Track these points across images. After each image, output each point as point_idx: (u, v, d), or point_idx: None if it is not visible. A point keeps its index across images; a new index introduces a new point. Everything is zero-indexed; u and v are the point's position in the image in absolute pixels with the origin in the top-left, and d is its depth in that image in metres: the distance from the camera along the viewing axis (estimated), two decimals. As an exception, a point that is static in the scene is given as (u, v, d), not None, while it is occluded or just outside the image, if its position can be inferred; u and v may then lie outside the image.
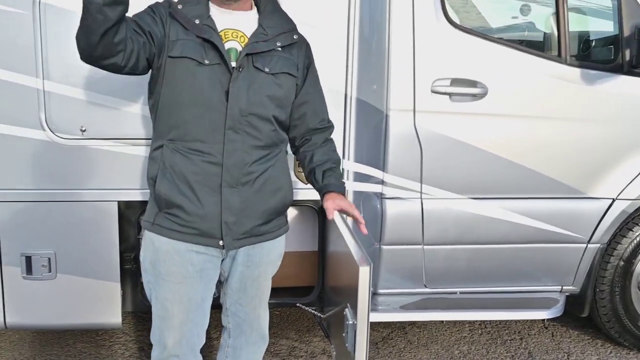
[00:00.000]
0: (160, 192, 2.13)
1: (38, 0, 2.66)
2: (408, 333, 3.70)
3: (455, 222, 3.16)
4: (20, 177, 2.82)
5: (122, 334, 3.59)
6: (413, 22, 2.96)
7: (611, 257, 3.33)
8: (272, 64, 2.13)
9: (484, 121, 3.07)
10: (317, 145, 2.30)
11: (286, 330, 3.66)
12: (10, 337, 3.51)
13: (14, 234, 2.86)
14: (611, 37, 3.22)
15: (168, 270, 2.18)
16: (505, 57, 3.07)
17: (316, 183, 2.28)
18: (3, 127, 2.74)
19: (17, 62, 2.71)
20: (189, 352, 2.27)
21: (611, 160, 3.21)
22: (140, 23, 2.01)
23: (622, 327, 3.43)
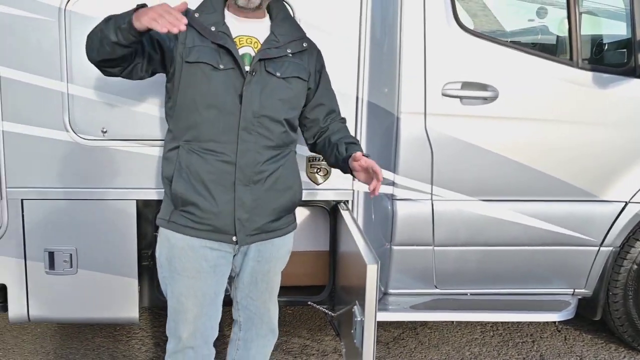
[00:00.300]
0: (176, 191, 2.24)
1: (63, 8, 2.77)
2: (419, 334, 3.73)
3: (466, 223, 3.20)
4: (43, 176, 2.92)
5: (139, 330, 3.69)
6: (424, 25, 3.02)
7: (624, 261, 3.33)
8: (283, 68, 2.24)
9: (495, 124, 3.12)
10: (334, 129, 2.40)
11: (298, 329, 3.72)
12: (33, 330, 3.64)
13: (37, 231, 2.95)
14: (624, 41, 3.25)
15: (183, 265, 2.29)
16: (515, 60, 3.11)
17: (340, 155, 2.31)
18: (28, 129, 2.85)
19: (43, 67, 2.82)
20: (203, 345, 2.38)
21: (623, 163, 3.23)
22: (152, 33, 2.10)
23: (635, 331, 3.43)
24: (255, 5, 2.21)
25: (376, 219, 3.21)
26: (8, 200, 2.92)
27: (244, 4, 2.21)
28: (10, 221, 2.94)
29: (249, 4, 2.21)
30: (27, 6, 2.77)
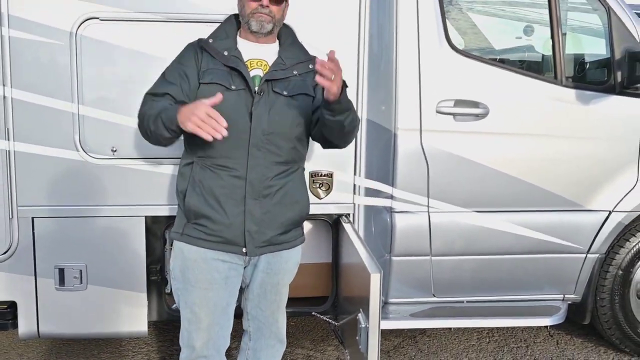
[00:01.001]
0: (189, 204, 2.28)
1: (74, 32, 2.83)
2: (418, 342, 3.76)
3: (461, 234, 3.25)
4: (54, 194, 2.94)
5: (144, 345, 3.68)
6: (418, 47, 3.10)
7: (610, 267, 3.41)
8: (289, 87, 2.30)
9: (486, 139, 3.19)
10: None
11: (301, 340, 3.74)
12: (38, 348, 3.61)
13: (48, 248, 2.97)
14: (604, 60, 3.35)
15: (196, 277, 2.31)
16: (504, 79, 3.20)
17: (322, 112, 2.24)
18: (40, 148, 2.89)
19: (55, 89, 2.87)
20: (215, 354, 2.39)
21: (606, 174, 3.32)
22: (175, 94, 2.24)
23: (622, 334, 3.50)
24: (267, 30, 2.30)
25: (376, 231, 3.26)
26: (19, 218, 2.95)
27: (257, 29, 2.30)
28: (21, 239, 2.96)
29: (262, 29, 2.30)
30: (40, 31, 2.84)
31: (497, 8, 3.47)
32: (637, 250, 3.42)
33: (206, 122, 1.98)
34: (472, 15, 3.39)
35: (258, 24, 2.29)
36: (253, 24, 2.29)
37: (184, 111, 2.04)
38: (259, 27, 2.29)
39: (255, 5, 2.28)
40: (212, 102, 2.03)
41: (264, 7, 2.27)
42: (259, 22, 2.29)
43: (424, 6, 3.09)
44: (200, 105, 2.02)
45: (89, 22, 2.86)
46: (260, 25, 2.28)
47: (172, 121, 2.08)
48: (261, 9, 2.27)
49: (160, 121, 2.12)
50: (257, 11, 2.28)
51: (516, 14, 3.49)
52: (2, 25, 2.80)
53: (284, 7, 2.35)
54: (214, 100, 2.04)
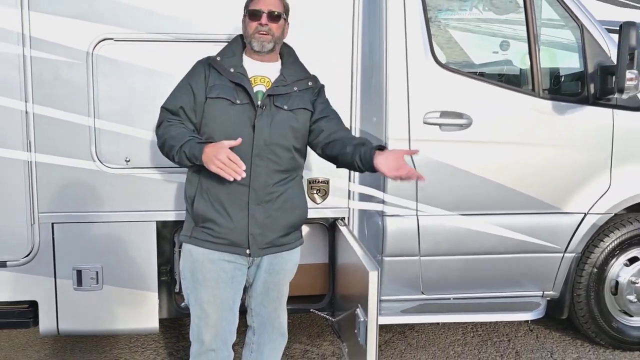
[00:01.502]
0: (197, 209, 2.41)
1: (91, 52, 2.97)
2: (408, 337, 3.89)
3: (448, 236, 3.36)
4: (72, 201, 3.07)
5: (153, 341, 3.80)
6: (406, 63, 3.21)
7: (586, 265, 3.52)
8: (290, 102, 2.43)
9: (470, 148, 3.30)
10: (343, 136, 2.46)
11: (299, 336, 3.86)
12: (54, 345, 3.72)
13: (67, 251, 3.10)
14: (578, 73, 3.46)
15: (204, 276, 2.44)
16: (486, 91, 3.31)
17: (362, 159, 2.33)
18: (59, 159, 3.02)
19: (73, 104, 3.00)
20: (223, 347, 2.51)
21: (581, 179, 3.41)
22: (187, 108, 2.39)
23: (598, 328, 3.61)
24: (268, 49, 2.44)
25: (369, 233, 3.39)
26: (40, 224, 3.07)
27: (259, 49, 2.43)
28: (42, 243, 3.09)
29: (263, 48, 2.43)
30: (59, 51, 2.97)
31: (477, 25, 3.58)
32: (611, 249, 3.53)
33: (227, 166, 2.16)
34: (454, 32, 3.51)
35: (259, 44, 2.42)
36: (255, 44, 2.42)
37: (208, 153, 2.20)
38: (260, 47, 2.42)
39: (255, 25, 2.40)
40: (232, 144, 2.20)
41: (263, 25, 2.39)
42: (260, 42, 2.42)
43: (411, 25, 3.21)
44: (222, 149, 2.18)
45: (104, 43, 2.99)
46: (262, 45, 2.42)
47: (195, 158, 2.24)
48: (261, 27, 2.39)
49: (184, 155, 2.27)
50: (257, 31, 2.40)
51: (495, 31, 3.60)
52: (24, 46, 2.93)
53: (283, 26, 2.47)
54: (234, 143, 2.21)
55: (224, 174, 2.18)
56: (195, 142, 2.27)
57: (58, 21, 2.95)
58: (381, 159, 2.26)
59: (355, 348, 2.63)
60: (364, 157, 2.32)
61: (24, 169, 3.01)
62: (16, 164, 3.00)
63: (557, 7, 3.41)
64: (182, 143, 2.28)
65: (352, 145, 2.38)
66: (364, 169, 2.37)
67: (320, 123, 2.48)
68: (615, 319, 3.63)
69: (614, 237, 3.54)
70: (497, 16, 3.55)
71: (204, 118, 2.41)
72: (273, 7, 2.43)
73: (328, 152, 2.48)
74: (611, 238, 3.53)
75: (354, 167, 2.41)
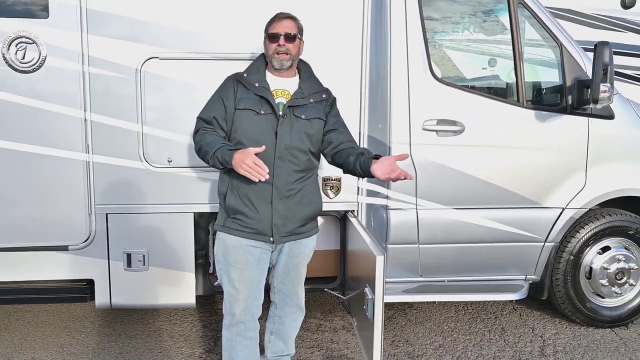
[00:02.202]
0: (229, 203, 2.54)
1: (139, 69, 3.08)
2: (407, 313, 3.96)
3: (443, 226, 3.42)
4: (123, 195, 3.19)
5: (189, 315, 3.92)
6: (408, 77, 3.28)
7: (563, 253, 3.59)
8: (307, 112, 2.55)
9: (463, 151, 3.36)
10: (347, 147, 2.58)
11: (314, 312, 3.95)
12: (105, 317, 3.87)
13: (118, 237, 3.22)
14: (557, 86, 3.50)
15: (235, 259, 2.57)
16: (476, 102, 3.37)
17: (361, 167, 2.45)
18: (112, 159, 3.14)
19: (124, 113, 3.11)
20: (250, 319, 2.64)
21: (560, 178, 3.47)
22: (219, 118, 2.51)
23: (574, 308, 3.68)
24: (286, 67, 2.56)
25: (374, 224, 3.49)
26: (96, 214, 3.20)
27: (278, 67, 2.55)
28: (98, 230, 3.21)
29: (282, 66, 2.55)
30: (112, 67, 3.10)
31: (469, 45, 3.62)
32: (586, 239, 3.59)
33: (253, 169, 2.28)
34: (449, 50, 3.55)
35: (279, 62, 2.53)
36: (275, 63, 2.54)
37: (237, 158, 2.32)
38: (280, 65, 2.53)
39: (275, 46, 2.52)
40: (257, 151, 2.32)
41: (281, 46, 2.50)
42: (279, 61, 2.53)
43: (412, 45, 3.29)
44: (248, 156, 2.30)
45: (150, 61, 3.10)
46: (281, 63, 2.53)
47: (227, 162, 2.37)
48: (279, 48, 2.51)
49: (217, 160, 2.39)
50: (277, 52, 2.51)
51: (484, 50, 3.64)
52: (84, 64, 3.06)
53: (299, 45, 2.57)
54: (259, 150, 2.33)
55: (250, 176, 2.30)
56: (227, 149, 2.39)
57: (112, 42, 3.06)
58: (376, 166, 2.40)
59: (364, 322, 2.71)
60: (362, 165, 2.45)
61: (83, 167, 3.13)
62: (76, 163, 3.11)
63: (539, 29, 3.47)
64: (215, 149, 2.40)
65: (354, 155, 2.51)
66: (363, 175, 2.51)
67: (331, 135, 2.59)
68: (589, 300, 3.69)
69: (588, 229, 3.59)
70: (486, 37, 3.59)
71: (234, 126, 2.53)
72: (289, 30, 2.53)
73: (335, 160, 2.61)
74: (586, 230, 3.59)
75: (355, 173, 2.55)
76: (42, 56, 3.01)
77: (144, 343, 3.51)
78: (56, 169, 3.09)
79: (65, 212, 3.14)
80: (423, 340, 3.58)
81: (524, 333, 3.68)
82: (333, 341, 3.55)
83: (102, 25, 3.04)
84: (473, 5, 3.51)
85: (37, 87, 3.03)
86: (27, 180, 3.09)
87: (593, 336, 3.64)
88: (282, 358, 2.93)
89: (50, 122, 3.05)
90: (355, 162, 2.48)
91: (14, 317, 3.90)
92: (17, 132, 3.04)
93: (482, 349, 3.48)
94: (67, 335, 3.61)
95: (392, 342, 3.56)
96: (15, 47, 2.98)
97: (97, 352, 3.40)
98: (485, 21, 3.58)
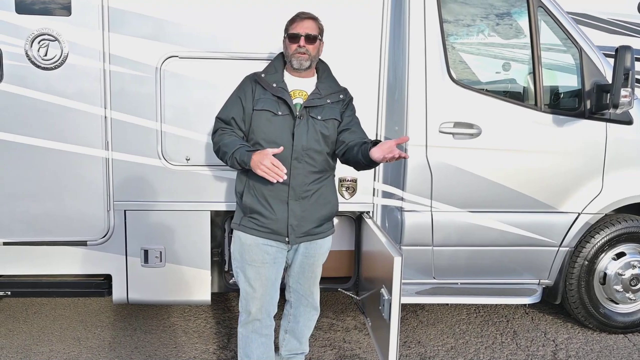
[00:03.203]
0: (245, 203, 2.53)
1: (159, 67, 3.08)
2: (419, 315, 3.94)
3: (457, 229, 3.38)
4: (142, 192, 3.18)
5: (203, 312, 3.92)
6: (425, 80, 3.24)
7: (578, 258, 3.54)
8: (323, 112, 2.51)
9: (479, 154, 3.31)
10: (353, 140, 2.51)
11: (326, 311, 3.93)
12: (122, 312, 3.89)
13: (136, 234, 3.22)
14: (575, 91, 3.46)
15: (251, 257, 2.55)
16: (494, 105, 3.32)
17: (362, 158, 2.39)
18: (131, 157, 3.14)
19: (143, 111, 3.11)
20: (266, 317, 2.63)
21: (577, 183, 3.41)
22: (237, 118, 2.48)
23: (587, 313, 3.63)
24: (305, 67, 2.53)
25: (389, 225, 3.45)
26: (115, 210, 3.21)
27: (297, 67, 2.52)
28: (116, 226, 3.22)
29: (301, 66, 2.52)
30: (132, 66, 3.09)
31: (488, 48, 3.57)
32: (601, 245, 3.54)
33: (271, 170, 2.27)
34: (468, 54, 3.50)
35: (298, 62, 2.50)
36: (294, 62, 2.50)
37: (254, 159, 2.31)
38: (299, 65, 2.50)
39: (295, 47, 2.49)
40: (275, 152, 2.30)
41: (301, 47, 2.47)
42: (299, 61, 2.50)
43: (431, 49, 3.25)
44: (266, 157, 2.28)
45: (170, 60, 3.09)
46: (300, 63, 2.50)
47: (245, 163, 2.35)
48: (299, 48, 2.47)
49: (235, 161, 2.38)
50: (297, 52, 2.48)
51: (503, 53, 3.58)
52: (105, 62, 3.05)
53: (318, 46, 2.54)
54: (277, 151, 2.30)
55: (268, 177, 2.29)
56: (245, 149, 2.38)
57: (132, 41, 3.05)
58: (375, 149, 2.33)
59: (379, 322, 2.69)
60: (364, 152, 2.39)
61: (103, 164, 3.13)
62: (96, 160, 3.12)
63: (558, 32, 3.42)
64: (233, 150, 2.39)
65: (358, 145, 2.45)
66: (365, 162, 2.40)
67: (344, 135, 2.55)
68: (602, 306, 3.64)
69: (604, 235, 3.54)
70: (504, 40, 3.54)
71: (251, 127, 2.50)
72: (310, 31, 2.50)
73: (345, 157, 2.55)
74: (601, 235, 3.54)
75: (360, 164, 2.46)
76: (64, 53, 3.01)
77: (158, 338, 3.52)
78: (76, 166, 3.10)
79: (84, 208, 3.15)
80: (435, 342, 3.56)
81: (536, 337, 3.64)
82: (345, 341, 3.54)
83: (123, 23, 3.04)
84: (492, 9, 3.46)
85: (59, 84, 3.04)
86: (47, 176, 3.10)
87: (606, 342, 3.59)
88: (296, 356, 2.92)
89: (70, 119, 3.06)
90: (358, 152, 2.43)
91: (32, 309, 3.93)
92: (38, 129, 3.06)
93: (494, 352, 3.45)
94: (84, 329, 3.63)
95: (404, 343, 3.53)
96: (38, 44, 2.98)
97: (112, 346, 3.40)
98: (503, 24, 3.52)
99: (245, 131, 2.52)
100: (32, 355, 3.27)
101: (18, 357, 3.25)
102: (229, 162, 2.42)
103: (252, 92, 2.50)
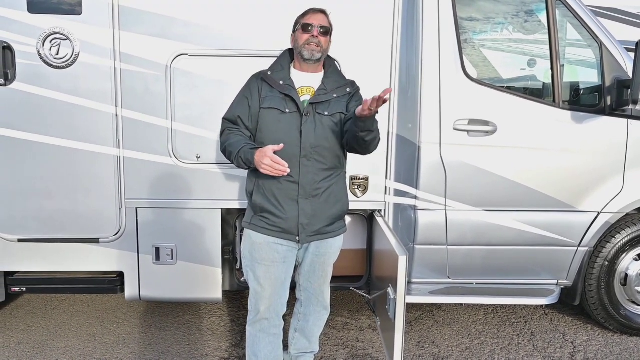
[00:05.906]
0: (255, 202, 2.44)
1: (169, 66, 3.01)
2: (435, 315, 3.82)
3: (472, 228, 3.26)
4: (153, 190, 3.13)
5: (218, 309, 3.87)
6: (439, 76, 3.12)
7: (598, 258, 3.38)
8: (329, 107, 2.40)
9: (495, 152, 3.18)
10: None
11: (341, 310, 3.85)
12: (137, 309, 3.85)
13: (147, 231, 3.17)
14: (595, 87, 3.29)
15: (261, 256, 2.47)
16: (510, 102, 3.18)
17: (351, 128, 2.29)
18: (142, 155, 3.09)
19: (154, 109, 3.05)
20: (275, 317, 2.54)
21: (596, 182, 3.26)
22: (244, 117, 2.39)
23: (607, 314, 3.47)
24: (316, 58, 2.41)
25: (402, 224, 3.33)
26: (126, 208, 3.15)
27: (309, 57, 2.40)
28: (128, 224, 3.16)
29: (313, 57, 2.40)
30: (143, 64, 3.03)
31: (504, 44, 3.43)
32: (622, 245, 3.37)
33: (273, 167, 2.19)
34: (484, 50, 3.37)
35: (309, 52, 2.39)
36: (305, 53, 2.40)
37: (257, 158, 2.23)
38: (310, 55, 2.39)
39: (307, 37, 2.39)
40: (275, 149, 2.22)
41: (314, 37, 2.38)
42: (310, 51, 2.39)
43: (444, 45, 3.13)
44: (265, 155, 2.20)
45: (180, 58, 3.03)
46: (311, 53, 2.39)
47: (249, 162, 2.27)
48: (312, 39, 2.38)
49: (241, 160, 2.30)
50: (309, 42, 2.38)
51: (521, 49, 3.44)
52: (115, 60, 3.00)
53: (329, 40, 2.45)
54: (277, 148, 2.22)
55: (271, 174, 2.21)
56: (248, 148, 2.30)
57: (143, 39, 3.00)
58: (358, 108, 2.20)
59: (387, 322, 2.62)
60: (352, 118, 2.27)
61: (114, 162, 3.08)
62: (108, 158, 3.07)
63: (579, 28, 3.25)
64: (238, 150, 2.31)
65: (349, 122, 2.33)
66: (356, 128, 2.25)
67: (347, 124, 2.42)
68: (623, 307, 3.47)
69: (624, 235, 3.37)
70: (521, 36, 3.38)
71: (259, 125, 2.42)
72: (323, 23, 2.42)
73: (349, 145, 2.40)
74: (622, 235, 3.37)
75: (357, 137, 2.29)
76: (76, 52, 2.96)
77: (172, 335, 3.46)
78: (88, 163, 3.06)
79: (96, 205, 3.11)
80: (449, 342, 3.42)
81: (554, 338, 3.48)
82: (359, 340, 3.42)
83: (133, 22, 2.98)
84: (509, 4, 3.30)
85: (70, 82, 2.99)
86: (60, 174, 3.06)
87: (626, 344, 3.41)
88: (305, 355, 2.83)
89: (82, 117, 3.02)
90: (350, 126, 2.30)
91: (50, 305, 3.91)
92: (51, 127, 3.02)
93: (509, 353, 3.30)
94: (100, 325, 3.59)
95: (417, 343, 3.40)
96: (50, 43, 2.93)
97: (127, 342, 3.36)
98: (521, 19, 3.37)
99: (252, 129, 2.43)
100: (47, 351, 3.24)
101: (34, 352, 3.22)
102: (235, 162, 2.33)
103: (258, 91, 2.41)
